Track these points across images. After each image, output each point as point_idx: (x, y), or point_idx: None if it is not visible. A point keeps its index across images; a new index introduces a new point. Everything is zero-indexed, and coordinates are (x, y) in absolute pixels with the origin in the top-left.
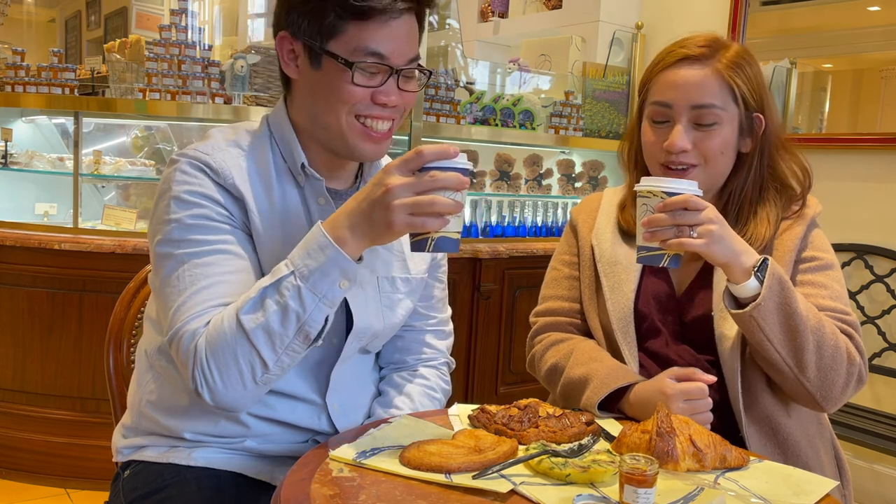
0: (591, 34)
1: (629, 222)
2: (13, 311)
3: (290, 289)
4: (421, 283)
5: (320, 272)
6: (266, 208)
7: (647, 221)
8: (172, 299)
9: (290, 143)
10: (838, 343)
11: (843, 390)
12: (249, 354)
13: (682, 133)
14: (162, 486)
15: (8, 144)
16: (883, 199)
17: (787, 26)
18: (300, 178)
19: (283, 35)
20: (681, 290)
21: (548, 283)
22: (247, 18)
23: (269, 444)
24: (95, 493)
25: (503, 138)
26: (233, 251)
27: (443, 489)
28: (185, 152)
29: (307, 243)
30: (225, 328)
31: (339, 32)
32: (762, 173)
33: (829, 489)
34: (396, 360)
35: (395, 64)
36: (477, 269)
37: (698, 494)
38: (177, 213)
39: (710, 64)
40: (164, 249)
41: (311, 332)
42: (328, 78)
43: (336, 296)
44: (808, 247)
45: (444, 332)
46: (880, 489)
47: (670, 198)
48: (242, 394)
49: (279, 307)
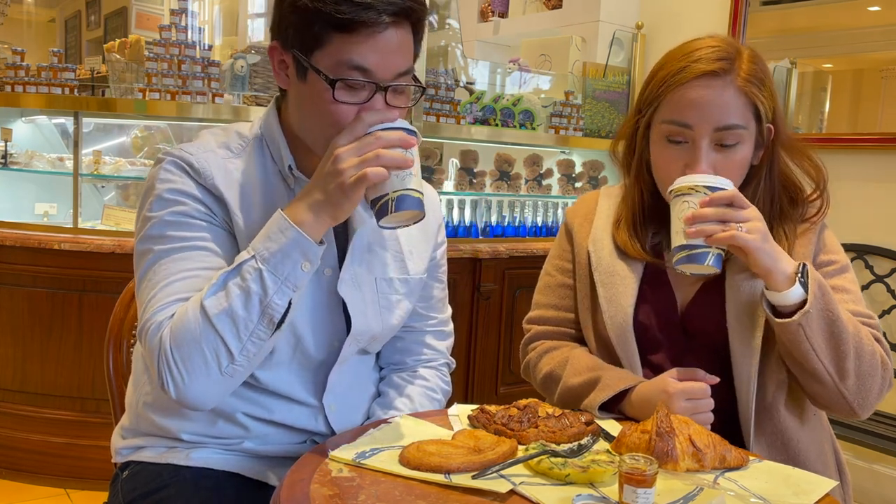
0: (591, 34)
1: (626, 242)
2: (13, 312)
3: (251, 272)
4: (420, 284)
5: (281, 254)
6: (249, 209)
7: (692, 217)
8: (145, 294)
9: (278, 144)
10: (874, 349)
11: (879, 396)
12: (214, 342)
13: (705, 157)
14: (160, 486)
15: (8, 144)
16: (883, 199)
17: (787, 26)
18: (289, 179)
19: (274, 45)
20: (683, 305)
21: (540, 289)
22: (247, 18)
23: (267, 445)
24: (95, 493)
25: (503, 138)
26: (208, 248)
27: (442, 489)
28: (170, 151)
29: (268, 228)
30: (189, 316)
31: (324, 44)
32: (773, 183)
33: (828, 489)
34: (396, 361)
35: (381, 79)
36: (477, 269)
37: (698, 494)
38: (157, 211)
39: (731, 80)
40: (143, 246)
41: (274, 316)
42: (312, 93)
43: (299, 278)
44: (823, 250)
45: (445, 333)
46: (880, 489)
47: (716, 193)
48: (207, 386)
49: (242, 291)
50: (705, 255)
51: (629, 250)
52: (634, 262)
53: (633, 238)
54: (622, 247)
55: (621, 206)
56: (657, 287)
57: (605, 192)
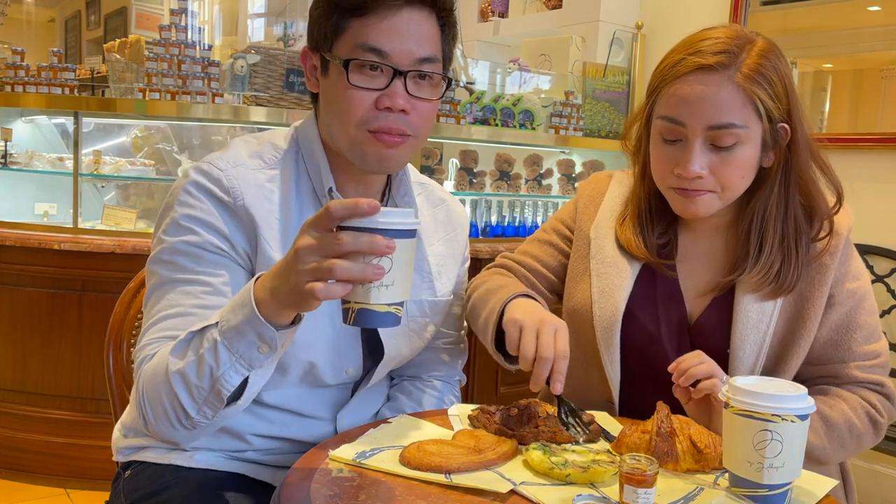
0: (591, 34)
1: (629, 240)
2: (13, 311)
3: (209, 341)
4: (447, 306)
5: (236, 331)
6: (280, 232)
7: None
8: (145, 317)
9: (318, 164)
10: (870, 431)
11: (870, 446)
12: (171, 398)
13: (697, 157)
14: (163, 487)
15: (8, 144)
16: (883, 199)
17: (787, 26)
18: (324, 200)
19: (305, 50)
20: (693, 317)
21: (531, 240)
22: (247, 18)
23: (271, 456)
24: (95, 494)
25: (503, 138)
26: (213, 284)
27: (442, 489)
28: (199, 166)
29: (239, 294)
30: (157, 366)
31: (342, 31)
32: (788, 191)
33: (829, 489)
34: (410, 375)
35: (398, 63)
36: (477, 270)
37: (698, 494)
38: (171, 235)
39: (728, 75)
40: (152, 267)
41: (223, 392)
42: (332, 84)
43: (254, 359)
44: (846, 277)
45: (460, 350)
46: (880, 489)
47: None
48: (174, 433)
49: (196, 357)
50: (783, 497)
51: (632, 249)
52: (633, 259)
53: (638, 237)
54: (625, 244)
55: (628, 200)
56: (667, 298)
57: (618, 177)
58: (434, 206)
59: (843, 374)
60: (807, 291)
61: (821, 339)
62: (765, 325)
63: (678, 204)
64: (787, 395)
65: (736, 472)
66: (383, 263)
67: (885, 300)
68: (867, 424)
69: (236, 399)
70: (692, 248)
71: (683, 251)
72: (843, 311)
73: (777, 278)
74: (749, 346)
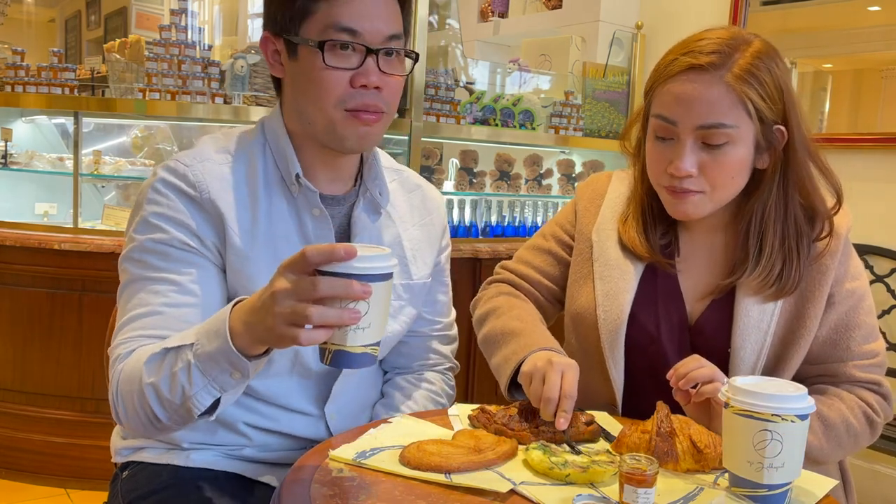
0: (591, 34)
1: (633, 240)
2: (13, 311)
3: (184, 361)
4: (424, 289)
5: (210, 357)
6: (248, 223)
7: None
8: (118, 315)
9: (284, 151)
10: (866, 430)
11: (867, 445)
12: (143, 404)
13: (688, 155)
14: (160, 486)
15: (8, 144)
16: (883, 199)
17: (787, 26)
18: (293, 188)
19: (266, 35)
20: (693, 317)
21: (529, 247)
22: (247, 18)
23: (268, 452)
24: (95, 493)
25: (503, 138)
26: (181, 283)
27: (443, 489)
28: (166, 163)
29: (214, 318)
30: (133, 370)
31: (310, 14)
32: (787, 193)
33: (828, 489)
34: (401, 365)
35: (370, 42)
36: (477, 269)
37: (698, 494)
38: (140, 234)
39: (719, 75)
40: (123, 265)
41: (194, 410)
42: (304, 67)
43: (227, 384)
44: (845, 277)
45: (449, 337)
46: (880, 489)
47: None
48: (147, 431)
49: (170, 375)
50: (783, 497)
51: (637, 249)
52: (637, 260)
53: (641, 235)
54: (629, 245)
55: (630, 199)
56: (668, 298)
57: (618, 175)
58: (409, 192)
59: (841, 373)
60: (807, 291)
61: (819, 338)
62: (765, 325)
63: (670, 204)
64: (787, 395)
65: (736, 472)
66: (360, 307)
67: (885, 300)
68: (864, 424)
69: (208, 413)
70: (692, 249)
71: (684, 252)
72: (842, 311)
73: (779, 280)
74: (750, 346)
